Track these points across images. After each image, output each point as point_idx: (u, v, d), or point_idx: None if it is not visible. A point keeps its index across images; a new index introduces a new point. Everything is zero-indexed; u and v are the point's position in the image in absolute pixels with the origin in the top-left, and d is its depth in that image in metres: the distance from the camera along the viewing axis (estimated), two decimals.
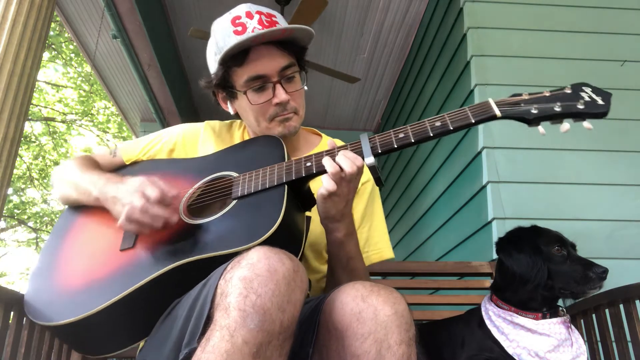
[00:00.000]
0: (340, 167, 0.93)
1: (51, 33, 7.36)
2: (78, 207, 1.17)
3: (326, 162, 0.94)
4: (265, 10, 1.13)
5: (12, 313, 1.12)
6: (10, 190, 8.06)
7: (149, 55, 3.50)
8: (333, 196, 0.95)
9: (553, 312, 1.32)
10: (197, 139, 1.24)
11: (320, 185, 0.96)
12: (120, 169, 1.25)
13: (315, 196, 0.99)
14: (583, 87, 0.93)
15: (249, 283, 0.70)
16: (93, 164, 1.20)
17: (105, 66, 4.31)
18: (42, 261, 1.09)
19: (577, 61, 2.46)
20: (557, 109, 0.90)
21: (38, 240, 10.51)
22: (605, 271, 1.28)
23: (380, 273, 1.94)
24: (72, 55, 8.43)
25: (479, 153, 2.30)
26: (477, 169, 2.31)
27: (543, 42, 2.50)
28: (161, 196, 0.95)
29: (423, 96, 3.41)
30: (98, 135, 10.13)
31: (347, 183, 0.94)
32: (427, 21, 3.41)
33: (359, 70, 4.22)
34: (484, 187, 2.24)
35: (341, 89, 4.49)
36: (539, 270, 1.31)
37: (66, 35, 7.55)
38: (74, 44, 5.71)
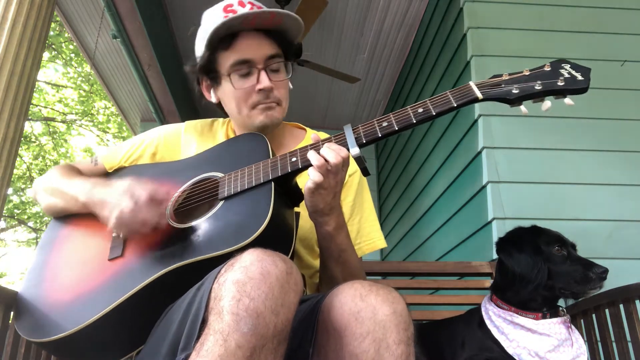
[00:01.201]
0: (325, 159, 0.92)
1: (51, 33, 7.36)
2: (63, 219, 1.15)
3: (311, 155, 0.94)
4: (256, 2, 1.14)
5: (12, 313, 1.12)
6: (10, 190, 8.07)
7: (149, 55, 3.50)
8: (320, 189, 0.94)
9: (553, 312, 1.32)
10: (179, 140, 1.23)
11: (307, 180, 0.95)
12: (103, 176, 1.22)
13: (303, 191, 0.98)
14: (562, 64, 0.94)
15: (242, 286, 0.69)
16: (76, 171, 1.18)
17: (105, 66, 4.31)
18: (30, 278, 1.07)
19: (577, 61, 2.45)
20: (538, 87, 0.90)
21: (38, 240, 10.50)
22: (605, 271, 1.28)
23: (380, 273, 1.94)
24: (72, 55, 8.43)
25: (479, 153, 2.30)
26: (477, 169, 2.31)
27: (543, 42, 2.50)
28: (150, 197, 0.94)
29: (423, 96, 3.41)
30: (98, 135, 10.13)
31: (334, 175, 0.93)
32: (427, 21, 3.41)
33: (359, 70, 4.22)
34: (484, 187, 2.24)
35: (341, 89, 4.49)
36: (540, 270, 1.31)
37: (66, 35, 7.55)
38: (74, 44, 5.71)
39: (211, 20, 1.12)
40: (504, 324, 1.33)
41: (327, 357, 0.80)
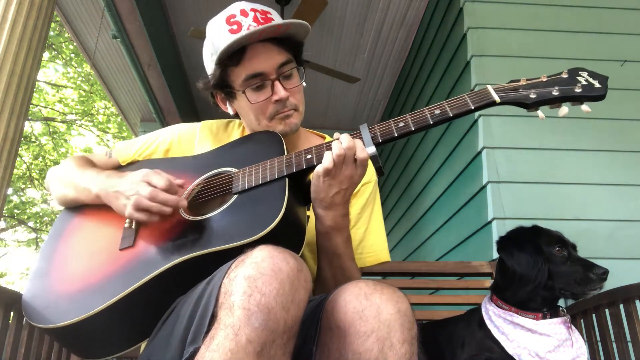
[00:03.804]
0: (342, 144, 0.93)
1: (51, 33, 7.36)
2: (75, 208, 1.16)
3: (334, 144, 0.94)
4: (259, 7, 1.12)
5: (12, 313, 1.13)
6: (10, 190, 8.06)
7: (149, 55, 3.50)
8: (327, 176, 0.94)
9: (553, 313, 1.32)
10: (194, 139, 1.23)
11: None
12: (117, 169, 1.23)
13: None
14: (580, 72, 0.94)
15: (253, 282, 0.70)
16: (89, 163, 1.20)
17: (105, 66, 4.31)
18: (40, 265, 1.07)
19: (577, 61, 2.45)
20: (555, 93, 0.91)
21: (38, 240, 10.50)
22: (605, 272, 1.28)
23: (381, 273, 1.94)
24: (72, 55, 8.43)
25: (479, 153, 2.30)
26: (477, 169, 2.31)
27: (543, 42, 2.50)
28: (168, 184, 0.96)
29: (423, 96, 3.41)
30: (98, 135, 10.13)
31: (345, 167, 0.93)
32: (427, 21, 3.41)
33: (359, 70, 4.22)
34: (484, 187, 2.24)
35: (341, 88, 4.49)
36: (540, 270, 1.31)
37: (66, 35, 7.55)
38: (74, 44, 5.71)
39: (215, 33, 1.11)
40: (504, 324, 1.33)
41: (331, 355, 0.81)
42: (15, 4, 1.61)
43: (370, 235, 1.21)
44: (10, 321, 1.13)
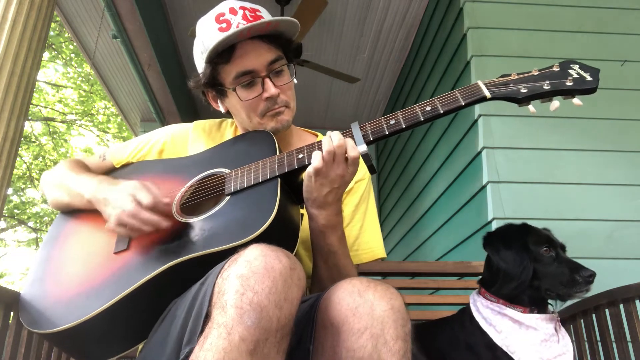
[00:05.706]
0: (333, 141, 0.93)
1: (51, 33, 7.36)
2: (70, 213, 1.16)
3: (324, 141, 0.94)
4: (249, 5, 1.12)
5: (12, 313, 1.13)
6: (10, 190, 8.06)
7: (149, 55, 3.50)
8: (319, 176, 0.94)
9: (541, 310, 1.32)
10: (187, 140, 1.23)
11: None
12: (111, 172, 1.23)
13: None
14: (571, 65, 0.93)
15: (245, 280, 0.70)
16: (83, 167, 1.19)
17: (105, 66, 4.31)
18: (36, 270, 1.07)
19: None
20: (546, 87, 0.90)
21: (38, 240, 10.50)
22: (592, 275, 1.26)
23: (381, 273, 1.94)
24: (72, 55, 8.43)
25: (479, 153, 2.30)
26: (477, 169, 2.31)
27: (543, 42, 2.50)
28: (153, 202, 0.95)
29: (423, 96, 3.41)
30: (98, 136, 10.13)
31: (336, 165, 0.93)
32: (427, 21, 3.41)
33: (359, 70, 4.22)
34: (484, 187, 2.24)
35: (341, 88, 4.49)
36: (525, 268, 1.30)
37: (66, 35, 7.55)
38: (74, 44, 5.71)
39: (205, 32, 1.11)
40: (491, 315, 1.32)
41: (325, 353, 0.81)
42: (15, 4, 1.61)
43: (365, 232, 1.21)
44: (10, 321, 1.13)
